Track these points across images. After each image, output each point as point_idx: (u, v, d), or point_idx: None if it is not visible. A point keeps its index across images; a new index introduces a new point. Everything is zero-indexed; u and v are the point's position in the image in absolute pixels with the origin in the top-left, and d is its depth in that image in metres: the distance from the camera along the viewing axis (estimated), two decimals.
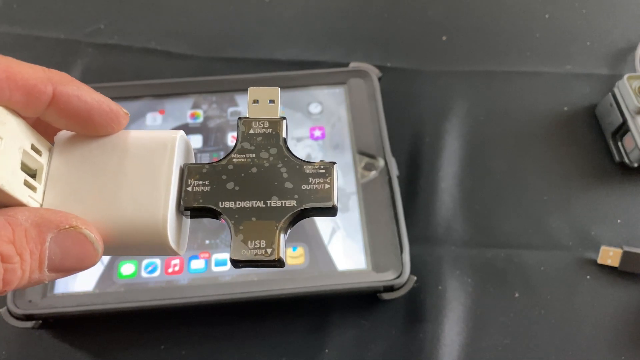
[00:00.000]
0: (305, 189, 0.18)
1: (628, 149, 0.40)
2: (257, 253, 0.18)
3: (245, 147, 0.19)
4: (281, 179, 0.19)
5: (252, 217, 0.18)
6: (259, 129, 0.20)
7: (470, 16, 0.50)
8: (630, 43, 0.47)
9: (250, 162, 0.19)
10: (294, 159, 0.19)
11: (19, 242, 0.15)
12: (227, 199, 0.18)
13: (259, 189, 0.18)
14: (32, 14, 0.51)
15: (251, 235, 0.18)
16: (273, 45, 0.49)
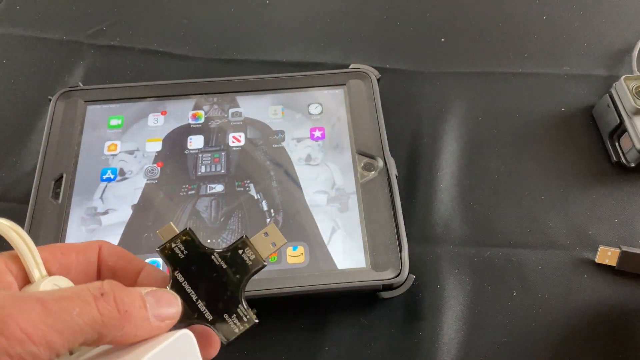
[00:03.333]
0: (224, 318, 0.23)
1: (625, 149, 0.41)
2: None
3: (227, 257, 0.23)
4: (221, 296, 0.23)
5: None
6: (246, 256, 0.23)
7: (468, 18, 0.51)
8: (627, 44, 0.48)
9: (219, 269, 0.23)
10: (242, 296, 0.23)
11: None
12: (182, 273, 0.23)
13: (204, 290, 0.22)
14: (34, 16, 0.52)
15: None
16: (274, 46, 0.49)
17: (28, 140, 0.44)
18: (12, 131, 0.44)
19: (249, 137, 0.41)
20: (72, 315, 0.18)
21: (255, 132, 0.41)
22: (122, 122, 0.42)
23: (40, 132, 0.43)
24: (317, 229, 0.36)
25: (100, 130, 0.41)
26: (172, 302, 0.22)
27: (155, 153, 0.40)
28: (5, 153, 0.43)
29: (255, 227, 0.37)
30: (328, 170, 0.39)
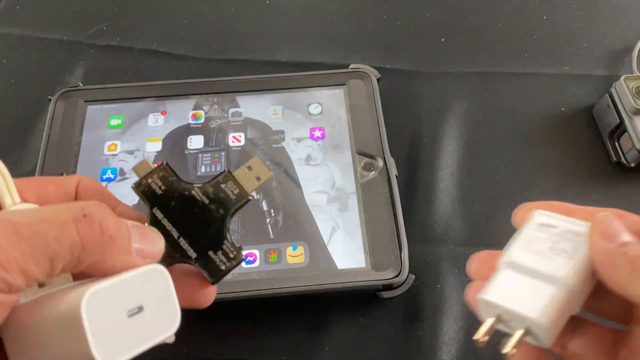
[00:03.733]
0: (209, 256, 0.21)
1: (625, 149, 0.41)
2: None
3: (208, 191, 0.22)
4: (204, 233, 0.21)
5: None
6: (228, 189, 0.22)
7: (468, 18, 0.51)
8: (627, 44, 0.48)
9: (201, 205, 0.22)
10: (226, 232, 0.22)
11: None
12: (161, 210, 0.21)
13: (186, 227, 0.21)
14: (34, 16, 0.52)
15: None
16: (274, 46, 0.49)
17: (28, 140, 0.44)
18: (12, 131, 0.44)
19: (249, 137, 0.41)
20: (47, 240, 0.17)
21: (255, 132, 0.41)
22: (122, 122, 0.42)
23: (40, 132, 0.43)
24: (317, 229, 0.37)
25: (100, 130, 0.41)
26: (155, 240, 0.21)
27: (155, 153, 0.40)
28: (5, 153, 0.43)
29: (255, 227, 0.37)
30: (328, 170, 0.39)
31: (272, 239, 0.36)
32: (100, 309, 0.17)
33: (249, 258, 0.36)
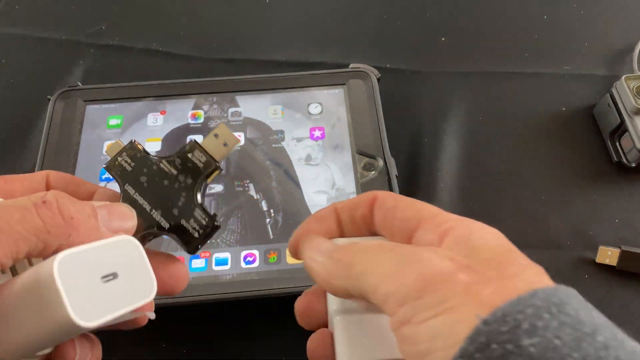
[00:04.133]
0: (182, 225, 0.22)
1: (626, 149, 0.41)
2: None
3: (176, 162, 0.22)
4: (176, 203, 0.22)
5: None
6: (195, 158, 0.22)
7: (469, 18, 0.50)
8: (628, 44, 0.47)
9: (170, 176, 0.22)
10: (197, 199, 0.22)
11: None
12: (132, 186, 0.22)
13: (157, 199, 0.22)
14: (34, 15, 0.52)
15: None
16: (273, 46, 0.49)
17: (27, 140, 0.43)
18: (11, 131, 0.44)
19: (249, 136, 0.41)
20: (10, 222, 0.17)
21: (255, 131, 0.41)
22: (121, 122, 0.41)
23: (39, 131, 0.43)
24: None
25: (100, 130, 0.41)
26: (126, 215, 0.21)
27: (155, 153, 0.40)
28: (4, 153, 0.43)
29: (255, 227, 0.37)
30: (328, 170, 0.39)
31: (272, 239, 0.36)
32: (73, 272, 0.18)
33: (249, 258, 0.35)
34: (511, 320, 0.16)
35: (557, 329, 0.16)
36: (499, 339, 0.16)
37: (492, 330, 0.16)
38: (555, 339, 0.16)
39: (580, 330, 0.16)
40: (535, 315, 0.16)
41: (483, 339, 0.16)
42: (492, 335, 0.16)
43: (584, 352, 0.15)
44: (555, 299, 0.17)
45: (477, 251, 0.19)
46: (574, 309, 0.17)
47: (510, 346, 0.15)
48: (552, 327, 0.16)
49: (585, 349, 0.15)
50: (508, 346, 0.15)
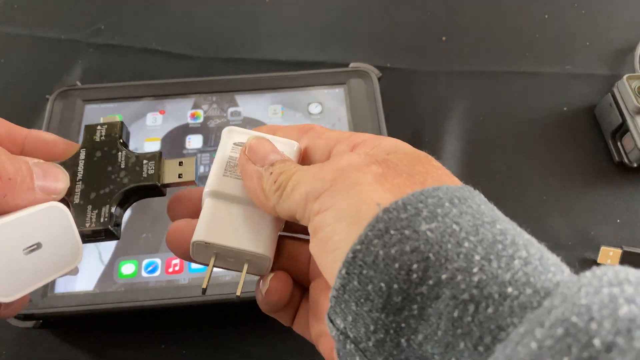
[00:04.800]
0: (86, 209, 0.22)
1: (627, 149, 0.40)
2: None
3: (130, 159, 0.22)
4: (99, 189, 0.22)
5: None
6: (147, 166, 0.22)
7: (469, 17, 0.50)
8: (630, 43, 0.47)
9: (117, 166, 0.22)
10: (116, 200, 0.22)
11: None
12: (86, 153, 0.22)
13: (91, 176, 0.22)
14: (32, 14, 0.51)
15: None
16: (273, 45, 0.49)
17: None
18: None
19: None
20: None
21: None
22: None
23: None
24: None
25: None
26: (59, 176, 0.21)
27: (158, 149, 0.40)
28: None
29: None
30: None
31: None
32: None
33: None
34: (412, 209, 0.16)
35: (457, 216, 0.16)
36: (397, 225, 0.16)
37: (392, 218, 0.16)
38: (454, 225, 0.16)
39: (480, 219, 0.16)
40: (436, 204, 0.16)
41: (382, 225, 0.16)
42: (391, 222, 0.16)
43: (481, 236, 0.16)
44: (459, 193, 0.17)
45: (391, 153, 0.20)
46: (476, 203, 0.17)
47: (408, 232, 0.16)
48: (452, 214, 0.16)
49: (483, 233, 0.16)
50: (406, 232, 0.16)
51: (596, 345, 0.12)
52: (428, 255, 0.15)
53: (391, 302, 0.16)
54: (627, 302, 0.13)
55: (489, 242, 0.16)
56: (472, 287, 0.15)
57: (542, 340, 0.13)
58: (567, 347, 0.13)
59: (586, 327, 0.13)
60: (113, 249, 0.36)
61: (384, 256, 0.16)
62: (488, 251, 0.15)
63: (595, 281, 0.14)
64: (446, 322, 0.15)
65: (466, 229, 0.16)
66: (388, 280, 0.15)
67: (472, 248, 0.15)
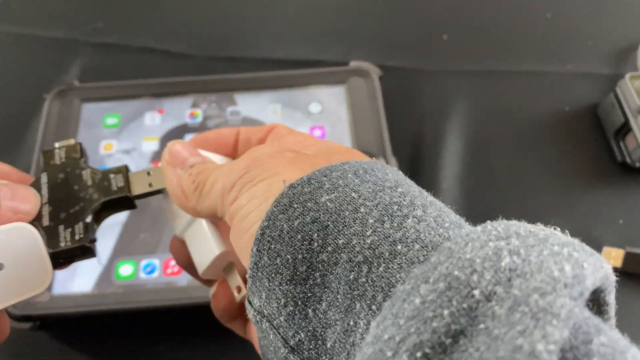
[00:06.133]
0: (58, 229, 0.21)
1: (630, 149, 0.40)
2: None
3: (96, 176, 0.22)
4: (68, 209, 0.21)
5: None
6: (115, 180, 0.22)
7: (471, 15, 0.50)
8: (632, 42, 0.47)
9: (83, 185, 0.22)
10: (88, 216, 0.22)
11: None
12: (49, 177, 0.22)
13: (58, 198, 0.22)
14: (30, 13, 0.51)
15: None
16: (272, 44, 0.48)
17: (23, 139, 0.43)
18: (7, 130, 0.43)
19: None
20: None
21: None
22: (118, 121, 0.41)
23: (35, 131, 0.43)
24: None
25: (96, 129, 0.41)
26: (29, 197, 0.21)
27: (152, 153, 0.40)
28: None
29: None
30: None
31: None
32: None
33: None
34: (315, 182, 0.17)
35: (358, 185, 0.17)
36: (300, 199, 0.16)
37: (295, 193, 0.16)
38: (353, 193, 0.16)
39: (381, 185, 0.17)
40: (339, 177, 0.17)
41: (286, 200, 0.16)
42: (295, 197, 0.16)
43: (378, 200, 0.16)
44: (367, 165, 0.18)
45: (322, 150, 0.20)
46: (383, 172, 0.17)
47: (310, 204, 0.16)
48: (354, 184, 0.17)
49: (380, 197, 0.16)
50: (308, 204, 0.16)
51: (476, 295, 0.13)
52: (327, 224, 0.16)
53: (297, 273, 0.16)
54: (511, 254, 0.13)
55: (384, 204, 0.16)
56: (366, 249, 0.15)
57: (425, 296, 0.13)
58: (448, 300, 0.13)
59: (467, 279, 0.13)
60: (111, 250, 0.35)
61: (288, 229, 0.16)
62: (382, 213, 0.16)
63: (484, 235, 0.14)
64: (344, 286, 0.15)
65: (365, 195, 0.16)
66: (293, 252, 0.16)
67: (367, 212, 0.16)
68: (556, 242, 0.14)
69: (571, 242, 0.14)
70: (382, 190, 0.16)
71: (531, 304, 0.12)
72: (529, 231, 0.14)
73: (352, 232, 0.15)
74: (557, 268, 0.13)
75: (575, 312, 0.12)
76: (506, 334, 0.12)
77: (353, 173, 0.17)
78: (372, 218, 0.16)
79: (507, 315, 0.12)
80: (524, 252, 0.14)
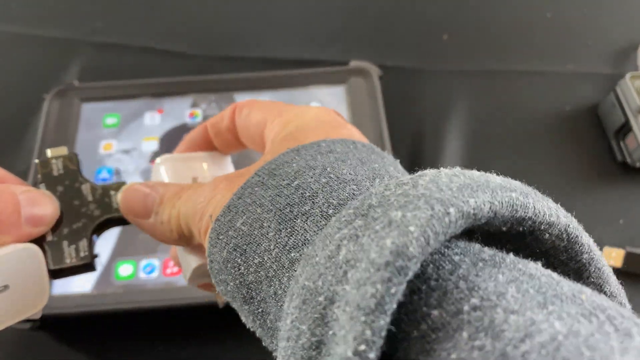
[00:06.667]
0: (62, 245, 0.21)
1: (630, 149, 0.40)
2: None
3: (96, 191, 0.22)
4: (71, 225, 0.21)
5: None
6: (115, 198, 0.22)
7: (471, 15, 0.50)
8: (632, 42, 0.47)
9: (84, 200, 0.22)
10: (90, 232, 0.22)
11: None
12: (47, 189, 0.22)
13: (67, 214, 0.22)
14: (30, 13, 0.51)
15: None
16: (272, 43, 0.48)
17: (22, 139, 0.43)
18: (6, 130, 0.43)
19: None
20: None
21: None
22: (118, 121, 0.41)
23: (35, 131, 0.42)
24: None
25: (96, 129, 0.40)
26: (46, 203, 0.20)
27: (152, 152, 0.39)
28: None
29: None
30: None
31: None
32: None
33: None
34: (232, 208, 0.17)
35: (262, 197, 0.17)
36: (223, 229, 0.17)
37: (220, 224, 0.17)
38: (258, 208, 0.17)
39: (280, 187, 0.17)
40: (249, 194, 0.17)
41: (214, 235, 0.17)
42: (220, 228, 0.17)
43: (276, 206, 0.16)
44: (274, 165, 0.18)
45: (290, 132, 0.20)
46: (289, 167, 0.17)
47: (231, 232, 0.17)
48: (258, 196, 0.17)
49: (278, 202, 0.17)
50: (229, 233, 0.17)
51: (322, 301, 0.13)
52: (245, 248, 0.17)
53: (244, 295, 0.17)
54: (349, 241, 0.13)
55: (281, 209, 0.16)
56: (274, 262, 0.16)
57: (292, 314, 0.13)
58: (305, 314, 0.13)
59: (315, 287, 0.13)
60: (111, 250, 0.35)
61: (222, 260, 0.17)
62: (279, 221, 0.16)
63: (338, 223, 0.14)
64: (271, 299, 0.16)
65: (266, 206, 0.17)
66: (232, 279, 0.17)
67: (269, 225, 0.16)
68: (402, 203, 0.13)
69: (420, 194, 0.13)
70: (280, 195, 0.17)
71: (357, 301, 0.12)
72: (384, 196, 0.13)
73: (262, 249, 0.16)
74: (376, 248, 0.12)
75: (391, 294, 0.11)
76: (344, 336, 0.12)
77: (260, 185, 0.17)
78: (272, 231, 0.16)
79: (344, 316, 0.12)
80: (361, 234, 0.13)
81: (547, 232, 0.14)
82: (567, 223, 0.14)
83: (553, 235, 0.14)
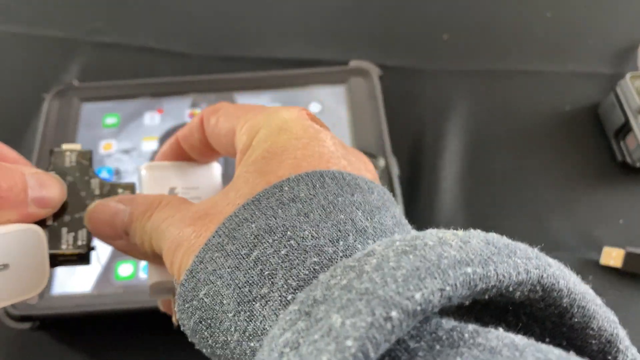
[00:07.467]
0: (61, 232, 0.21)
1: (630, 149, 0.40)
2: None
3: (104, 187, 0.23)
4: (74, 214, 0.22)
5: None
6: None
7: (471, 15, 0.50)
8: (633, 42, 0.47)
9: (91, 193, 0.22)
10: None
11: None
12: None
13: (71, 203, 0.22)
14: (29, 13, 0.51)
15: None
16: (272, 43, 0.48)
17: (22, 139, 0.43)
18: (6, 130, 0.43)
19: None
20: None
21: None
22: (117, 121, 0.41)
23: (34, 131, 0.42)
24: None
25: (96, 128, 0.40)
26: (54, 185, 0.21)
27: (152, 152, 0.39)
28: None
29: None
30: None
31: None
32: None
33: None
34: (195, 274, 0.17)
35: (222, 264, 0.17)
36: (188, 297, 0.17)
37: (184, 290, 0.17)
38: (218, 280, 0.16)
39: (239, 254, 0.16)
40: (210, 259, 0.17)
41: (181, 300, 0.17)
42: (185, 294, 0.17)
43: (233, 277, 0.16)
44: (234, 223, 0.17)
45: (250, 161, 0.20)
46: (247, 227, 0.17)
47: (195, 302, 0.17)
48: (218, 265, 0.17)
49: (236, 276, 0.16)
50: (194, 302, 0.17)
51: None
52: (209, 322, 0.17)
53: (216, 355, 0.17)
54: (290, 349, 0.13)
55: (237, 281, 0.16)
56: (235, 342, 0.16)
57: None
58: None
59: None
60: (111, 250, 0.35)
61: (190, 328, 0.17)
62: (238, 294, 0.16)
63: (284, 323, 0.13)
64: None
65: (224, 277, 0.16)
66: (202, 347, 0.17)
67: (228, 296, 0.16)
68: (344, 303, 0.12)
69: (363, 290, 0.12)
70: (239, 268, 0.16)
71: None
72: (329, 287, 0.13)
73: (225, 328, 0.16)
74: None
75: None
76: None
77: (220, 250, 0.17)
78: (232, 311, 0.16)
79: None
80: (302, 341, 0.12)
81: (517, 291, 0.14)
82: (540, 274, 0.14)
83: (525, 291, 0.14)
